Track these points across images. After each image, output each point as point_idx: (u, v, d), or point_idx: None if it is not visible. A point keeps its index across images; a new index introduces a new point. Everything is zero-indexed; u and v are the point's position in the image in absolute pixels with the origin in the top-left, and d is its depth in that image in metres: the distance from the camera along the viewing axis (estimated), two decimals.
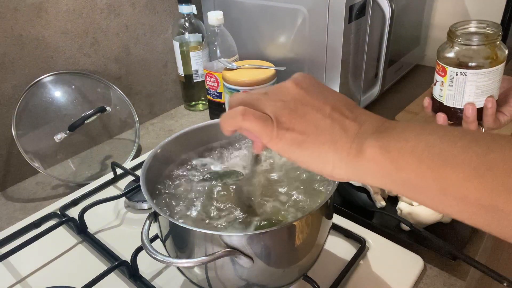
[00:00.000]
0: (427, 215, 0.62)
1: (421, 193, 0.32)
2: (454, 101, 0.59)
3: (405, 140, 0.32)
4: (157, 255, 0.41)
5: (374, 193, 0.70)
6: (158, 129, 1.02)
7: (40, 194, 0.80)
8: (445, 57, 0.59)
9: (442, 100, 0.61)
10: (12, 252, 0.60)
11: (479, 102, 0.58)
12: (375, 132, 0.34)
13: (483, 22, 0.57)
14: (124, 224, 0.69)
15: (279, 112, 0.35)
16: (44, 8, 0.79)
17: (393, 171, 0.32)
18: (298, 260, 0.47)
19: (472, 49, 0.56)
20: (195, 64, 1.00)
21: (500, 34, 0.56)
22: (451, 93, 0.59)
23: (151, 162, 0.51)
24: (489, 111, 0.58)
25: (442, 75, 0.59)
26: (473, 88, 0.57)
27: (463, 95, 0.58)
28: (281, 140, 0.35)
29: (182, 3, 0.95)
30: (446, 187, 0.30)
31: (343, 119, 0.35)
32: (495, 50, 0.56)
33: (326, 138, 0.34)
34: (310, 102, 0.36)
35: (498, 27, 0.57)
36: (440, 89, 0.60)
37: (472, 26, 0.58)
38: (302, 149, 0.35)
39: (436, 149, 0.31)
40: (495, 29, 0.56)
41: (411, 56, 1.20)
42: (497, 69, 0.56)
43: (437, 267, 0.59)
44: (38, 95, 0.80)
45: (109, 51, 0.92)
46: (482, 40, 0.56)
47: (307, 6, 0.84)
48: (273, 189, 0.52)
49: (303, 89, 0.36)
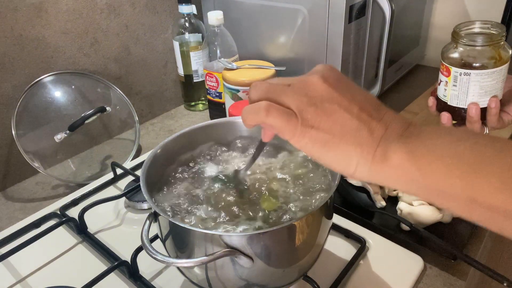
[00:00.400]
0: (427, 215, 0.62)
1: (448, 200, 0.32)
2: (458, 101, 0.60)
3: (433, 146, 0.32)
4: (157, 255, 0.41)
5: (374, 193, 0.70)
6: (158, 129, 1.02)
7: (40, 194, 0.80)
8: (449, 57, 0.59)
9: (446, 100, 0.61)
10: (12, 252, 0.60)
11: (483, 102, 0.58)
12: (401, 136, 0.33)
13: (487, 22, 0.58)
14: (124, 224, 0.69)
15: (304, 109, 0.34)
16: (44, 8, 0.79)
17: (419, 177, 0.32)
18: (298, 260, 0.47)
19: (476, 49, 0.57)
20: (195, 64, 1.00)
21: (504, 34, 0.56)
22: (455, 93, 0.59)
23: (151, 162, 0.51)
24: (493, 111, 0.58)
25: (446, 75, 0.59)
26: (477, 88, 0.57)
27: (467, 95, 0.58)
28: (304, 137, 0.34)
29: (182, 3, 0.95)
30: (475, 196, 0.30)
31: (370, 121, 0.34)
32: (499, 50, 0.56)
33: (352, 139, 0.33)
34: (338, 100, 0.34)
35: (502, 27, 0.57)
36: (444, 89, 0.61)
37: (476, 27, 0.58)
38: (326, 148, 0.34)
39: (465, 157, 0.30)
40: (499, 30, 0.57)
41: (411, 56, 1.20)
42: (501, 70, 0.56)
43: (437, 267, 0.59)
44: (38, 95, 0.80)
45: (109, 51, 0.92)
46: (486, 41, 0.56)
47: (307, 6, 0.84)
48: (272, 187, 0.52)
49: (331, 85, 0.35)
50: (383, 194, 0.71)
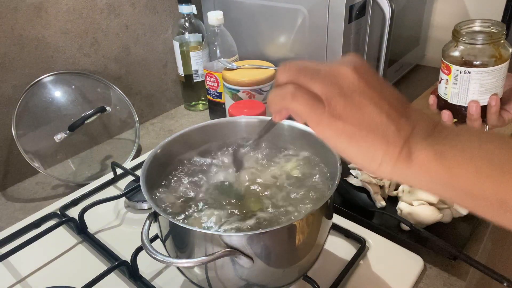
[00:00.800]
0: (427, 215, 0.62)
1: (477, 202, 0.32)
2: (458, 99, 0.60)
3: (462, 147, 0.32)
4: (157, 255, 0.41)
5: (374, 193, 0.70)
6: (158, 129, 1.02)
7: (40, 194, 0.80)
8: (449, 55, 0.59)
9: (447, 98, 0.61)
10: (12, 252, 0.60)
11: (483, 100, 0.58)
12: (428, 136, 0.33)
13: (488, 21, 0.58)
14: (124, 224, 0.69)
15: (334, 98, 0.33)
16: (44, 8, 0.79)
17: (447, 178, 0.31)
18: (298, 260, 0.47)
19: (476, 48, 0.57)
20: (195, 64, 1.00)
21: (504, 33, 0.57)
22: (455, 91, 0.60)
23: (151, 162, 0.51)
24: (493, 109, 0.58)
25: (446, 74, 0.59)
26: (477, 86, 0.58)
27: (467, 93, 0.59)
28: (330, 128, 0.33)
29: (182, 3, 0.95)
30: (506, 199, 0.29)
31: (399, 118, 0.33)
32: (499, 48, 0.57)
33: (379, 135, 0.33)
34: (369, 94, 0.33)
35: (503, 26, 0.57)
36: (445, 87, 0.61)
37: (477, 25, 0.58)
38: (352, 142, 0.33)
39: (495, 158, 0.30)
40: (499, 28, 0.57)
41: (411, 56, 1.20)
42: (501, 68, 0.57)
43: (437, 267, 0.59)
44: (38, 95, 0.80)
45: (109, 51, 0.92)
46: (487, 39, 0.56)
47: (307, 6, 0.84)
48: (272, 189, 0.52)
49: (362, 78, 0.33)
50: (383, 194, 0.71)
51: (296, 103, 0.34)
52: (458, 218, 0.65)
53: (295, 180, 0.54)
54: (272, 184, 0.53)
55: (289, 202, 0.50)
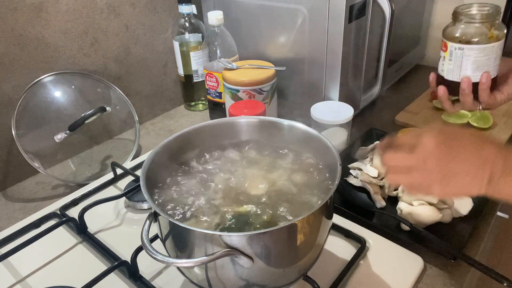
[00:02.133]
0: (427, 215, 0.62)
1: None
2: (453, 75, 0.63)
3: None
4: (157, 255, 0.41)
5: (374, 193, 0.70)
6: (158, 129, 1.02)
7: (40, 194, 0.80)
8: (447, 33, 0.63)
9: (443, 74, 0.65)
10: (12, 252, 0.60)
11: (475, 76, 0.61)
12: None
13: (486, 5, 0.61)
14: (124, 224, 0.69)
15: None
16: (44, 8, 0.79)
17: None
18: (298, 260, 0.47)
19: (471, 26, 0.60)
20: (195, 64, 1.00)
21: (500, 13, 0.60)
22: (450, 67, 0.63)
23: (151, 162, 0.51)
24: (484, 85, 0.61)
25: (444, 51, 0.63)
26: (469, 63, 0.61)
27: (460, 69, 0.62)
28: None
29: (182, 3, 0.95)
30: None
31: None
32: (492, 28, 0.59)
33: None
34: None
35: (498, 8, 0.60)
36: (442, 64, 0.64)
37: (474, 7, 0.61)
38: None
39: None
40: (494, 9, 0.60)
41: (411, 56, 1.20)
42: (493, 46, 0.59)
43: (437, 267, 0.59)
44: (38, 95, 0.80)
45: (109, 51, 0.92)
46: (482, 18, 0.59)
47: (307, 6, 0.84)
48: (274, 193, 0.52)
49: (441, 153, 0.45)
50: (383, 194, 0.71)
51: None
52: (458, 218, 0.65)
53: (295, 180, 0.54)
54: (273, 184, 0.53)
55: (289, 202, 0.50)
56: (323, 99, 0.90)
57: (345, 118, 0.80)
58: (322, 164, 0.56)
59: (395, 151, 0.49)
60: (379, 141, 0.53)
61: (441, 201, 0.64)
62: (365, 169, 0.73)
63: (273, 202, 0.50)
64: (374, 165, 0.73)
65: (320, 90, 0.90)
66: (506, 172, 0.44)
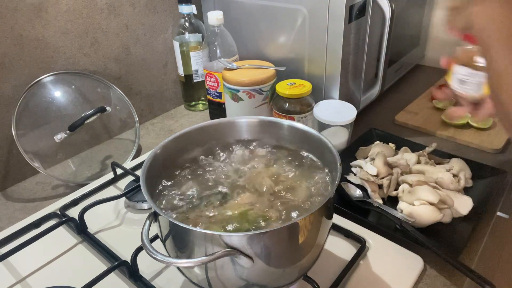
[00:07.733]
0: (428, 215, 0.62)
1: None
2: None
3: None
4: (157, 255, 0.41)
5: (371, 191, 0.70)
6: (158, 129, 1.02)
7: (40, 194, 0.80)
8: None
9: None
10: (12, 252, 0.60)
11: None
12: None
13: None
14: (124, 224, 0.69)
15: None
16: (44, 8, 0.79)
17: None
18: (298, 260, 0.47)
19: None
20: (195, 64, 1.00)
21: None
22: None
23: (151, 162, 0.51)
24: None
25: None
26: None
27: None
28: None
29: (182, 3, 0.95)
30: None
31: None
32: None
33: None
34: None
35: None
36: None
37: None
38: None
39: None
40: None
41: (411, 56, 1.20)
42: None
43: (437, 267, 0.59)
44: (38, 95, 0.80)
45: (109, 51, 0.92)
46: None
47: (307, 6, 0.84)
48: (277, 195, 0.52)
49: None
50: (382, 194, 0.71)
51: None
52: (458, 218, 0.65)
53: (295, 180, 0.54)
54: (272, 184, 0.53)
55: (289, 202, 0.50)
56: (323, 99, 0.90)
57: (348, 120, 0.80)
58: (322, 163, 0.56)
59: None
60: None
61: (441, 201, 0.64)
62: (365, 167, 0.73)
63: (273, 202, 0.50)
64: (375, 164, 0.73)
65: (320, 90, 0.90)
66: None
